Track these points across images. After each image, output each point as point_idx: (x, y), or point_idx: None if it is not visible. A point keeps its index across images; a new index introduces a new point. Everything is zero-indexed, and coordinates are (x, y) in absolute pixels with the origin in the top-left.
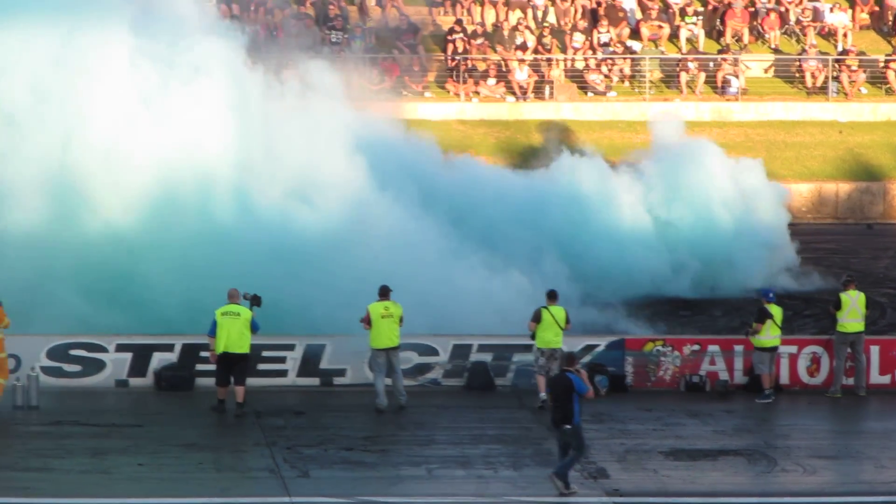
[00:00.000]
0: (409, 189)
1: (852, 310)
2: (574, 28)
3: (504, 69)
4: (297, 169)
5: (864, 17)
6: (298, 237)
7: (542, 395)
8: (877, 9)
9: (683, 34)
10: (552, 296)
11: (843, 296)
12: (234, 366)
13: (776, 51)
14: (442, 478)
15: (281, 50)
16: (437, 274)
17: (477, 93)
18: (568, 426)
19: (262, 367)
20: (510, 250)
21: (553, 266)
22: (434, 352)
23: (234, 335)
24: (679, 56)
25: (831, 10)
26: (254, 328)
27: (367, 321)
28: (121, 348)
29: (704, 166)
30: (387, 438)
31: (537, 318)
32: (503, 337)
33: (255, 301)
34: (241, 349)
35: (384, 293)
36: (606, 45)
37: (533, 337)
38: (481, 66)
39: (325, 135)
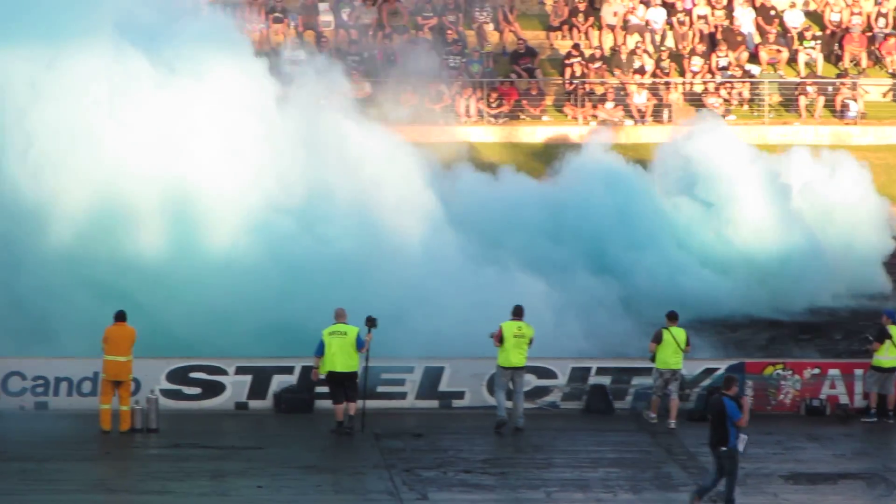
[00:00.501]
0: (435, 204)
1: None
2: (692, 52)
3: (622, 93)
4: (318, 189)
5: None
6: (321, 258)
7: (653, 416)
8: None
9: (802, 58)
10: (672, 317)
11: None
12: (343, 384)
13: (894, 75)
14: (561, 501)
15: (399, 74)
16: (464, 287)
17: (595, 116)
18: (724, 448)
19: (381, 389)
20: (546, 263)
21: (587, 281)
22: (552, 374)
23: (341, 354)
24: (798, 80)
25: None
26: (358, 346)
27: (499, 338)
28: (240, 371)
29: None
30: (505, 461)
31: (658, 339)
32: (622, 360)
33: (371, 323)
34: (350, 368)
35: (518, 313)
36: (725, 68)
37: (653, 359)
38: (599, 90)
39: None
